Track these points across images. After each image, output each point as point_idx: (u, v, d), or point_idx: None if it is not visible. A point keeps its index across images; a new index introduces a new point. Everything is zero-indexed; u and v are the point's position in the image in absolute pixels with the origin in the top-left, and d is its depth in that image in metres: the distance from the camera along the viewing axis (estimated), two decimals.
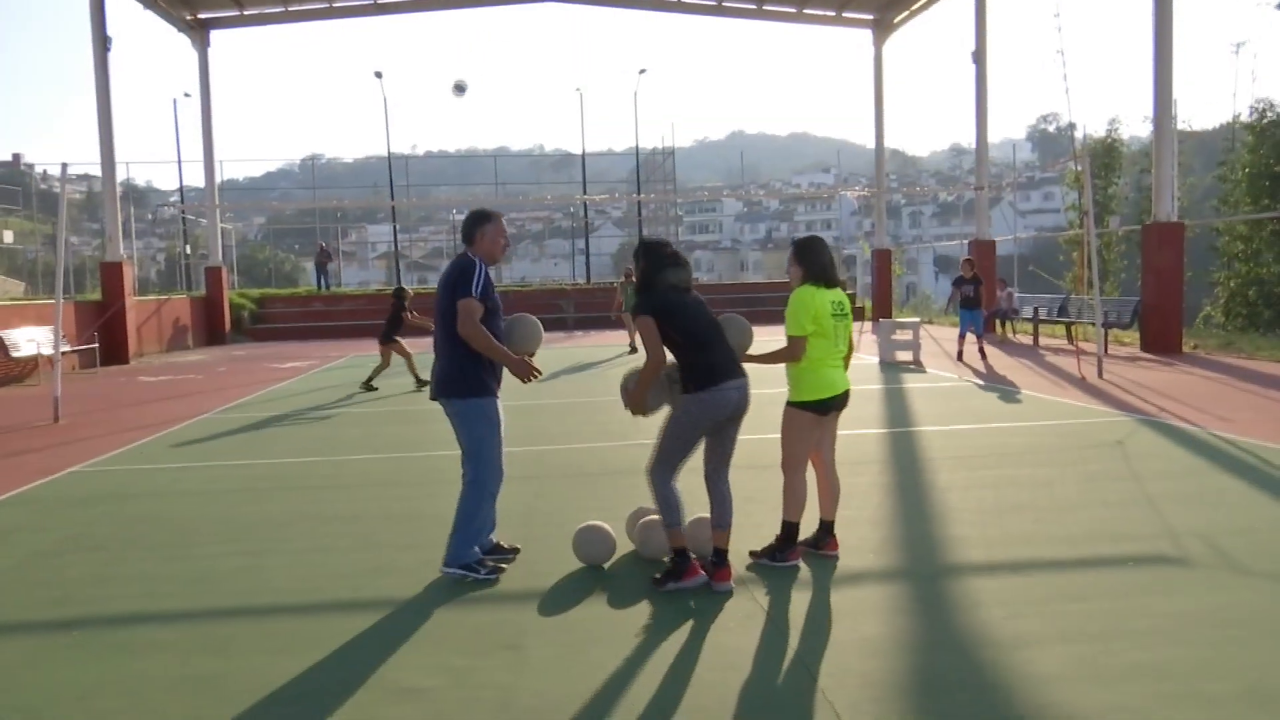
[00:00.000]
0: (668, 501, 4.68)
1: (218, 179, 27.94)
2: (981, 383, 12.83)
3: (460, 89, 28.13)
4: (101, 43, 19.80)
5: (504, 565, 5.09)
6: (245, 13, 25.91)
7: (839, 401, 5.00)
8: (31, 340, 16.87)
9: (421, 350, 11.21)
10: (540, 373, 5.09)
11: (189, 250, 32.56)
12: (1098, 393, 11.50)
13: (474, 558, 5.00)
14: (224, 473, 8.14)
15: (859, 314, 29.95)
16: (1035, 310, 19.49)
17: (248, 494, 7.26)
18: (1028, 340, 19.71)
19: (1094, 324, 14.31)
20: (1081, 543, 5.29)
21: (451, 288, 4.89)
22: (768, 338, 5.33)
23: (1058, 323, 19.45)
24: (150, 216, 59.47)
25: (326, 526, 6.19)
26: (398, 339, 14.03)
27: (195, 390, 14.89)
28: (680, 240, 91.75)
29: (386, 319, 14.19)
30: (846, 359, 5.10)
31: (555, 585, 4.84)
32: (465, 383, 4.93)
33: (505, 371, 5.12)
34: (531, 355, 5.20)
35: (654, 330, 4.65)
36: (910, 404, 11.22)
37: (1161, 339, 16.49)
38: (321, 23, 28.25)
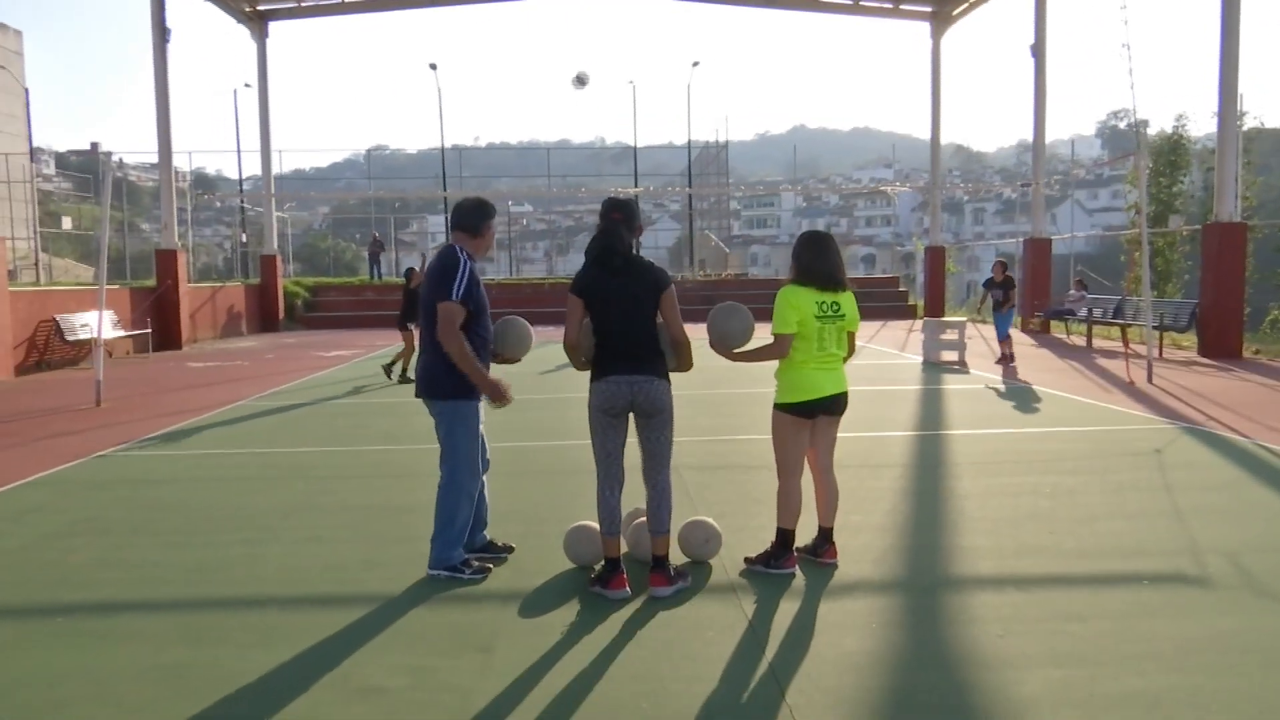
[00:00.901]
0: (598, 506, 4.60)
1: (278, 169, 28.42)
2: (1024, 385, 12.46)
3: (582, 81, 28.16)
4: (161, 33, 20.19)
5: (491, 565, 5.00)
6: (303, 4, 26.24)
7: (825, 405, 4.77)
8: (85, 325, 17.27)
9: None
10: (511, 400, 4.88)
11: (244, 239, 33.10)
12: (1143, 398, 11.08)
13: (459, 559, 4.92)
14: (243, 460, 8.21)
15: (911, 312, 29.44)
16: (1089, 311, 18.92)
17: (261, 482, 7.30)
18: (1082, 341, 19.14)
19: (1146, 325, 13.82)
20: (1094, 557, 5.04)
21: (434, 287, 4.75)
22: None
23: (1113, 324, 18.86)
24: (218, 204, 60.81)
25: (329, 517, 6.19)
26: (412, 326, 13.58)
27: (240, 377, 15.12)
28: (736, 234, 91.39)
29: (401, 304, 14.13)
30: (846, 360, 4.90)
31: (540, 586, 4.74)
32: (449, 383, 4.80)
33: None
34: (517, 360, 5.13)
35: (572, 309, 4.55)
36: (945, 406, 10.92)
37: (1220, 343, 15.86)
38: (380, 14, 28.49)
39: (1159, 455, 7.75)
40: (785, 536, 4.82)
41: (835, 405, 4.82)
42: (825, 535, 4.96)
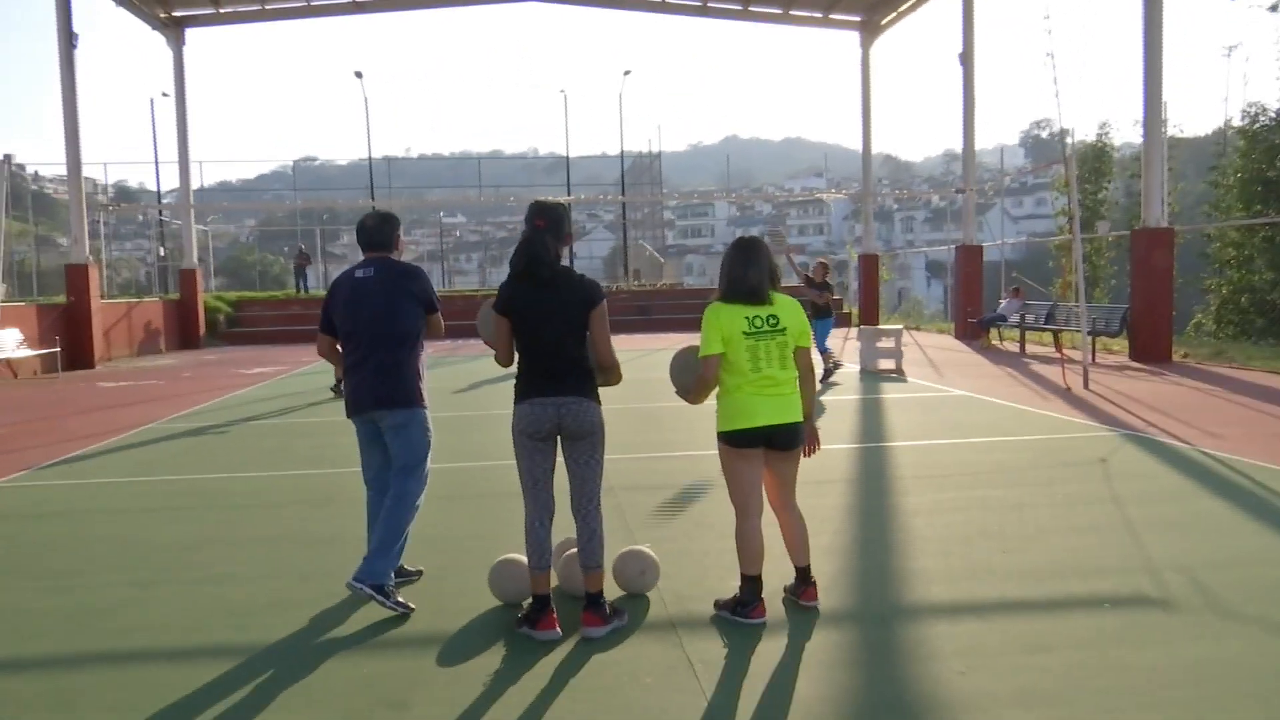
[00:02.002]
0: (526, 538, 4.25)
1: (202, 181, 27.51)
2: (962, 393, 12.36)
3: None
4: (68, 39, 19.26)
5: (412, 606, 4.58)
6: (221, 10, 25.37)
7: (766, 436, 4.27)
8: None
9: (439, 352, 10.58)
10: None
11: (163, 252, 31.97)
12: (1082, 405, 11.03)
13: (390, 580, 4.55)
14: (147, 489, 7.64)
15: (845, 320, 29.50)
16: (1021, 317, 19.04)
17: (164, 513, 6.75)
18: (1014, 348, 19.26)
19: (1081, 331, 13.85)
20: (1050, 578, 4.80)
21: (420, 298, 4.73)
22: None
23: (1045, 330, 19.00)
24: (140, 217, 58.93)
25: (237, 551, 5.70)
26: None
27: (153, 397, 14.37)
28: (671, 244, 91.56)
29: None
30: (806, 384, 4.36)
31: (463, 628, 4.33)
32: (414, 392, 4.73)
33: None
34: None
35: (500, 328, 4.27)
36: (886, 416, 10.74)
37: (1151, 347, 16.02)
38: (303, 22, 27.73)
39: (1103, 464, 7.60)
40: (749, 583, 4.31)
41: (778, 438, 4.26)
42: (802, 575, 4.48)
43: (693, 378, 4.50)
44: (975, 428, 9.63)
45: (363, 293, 4.69)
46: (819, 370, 13.07)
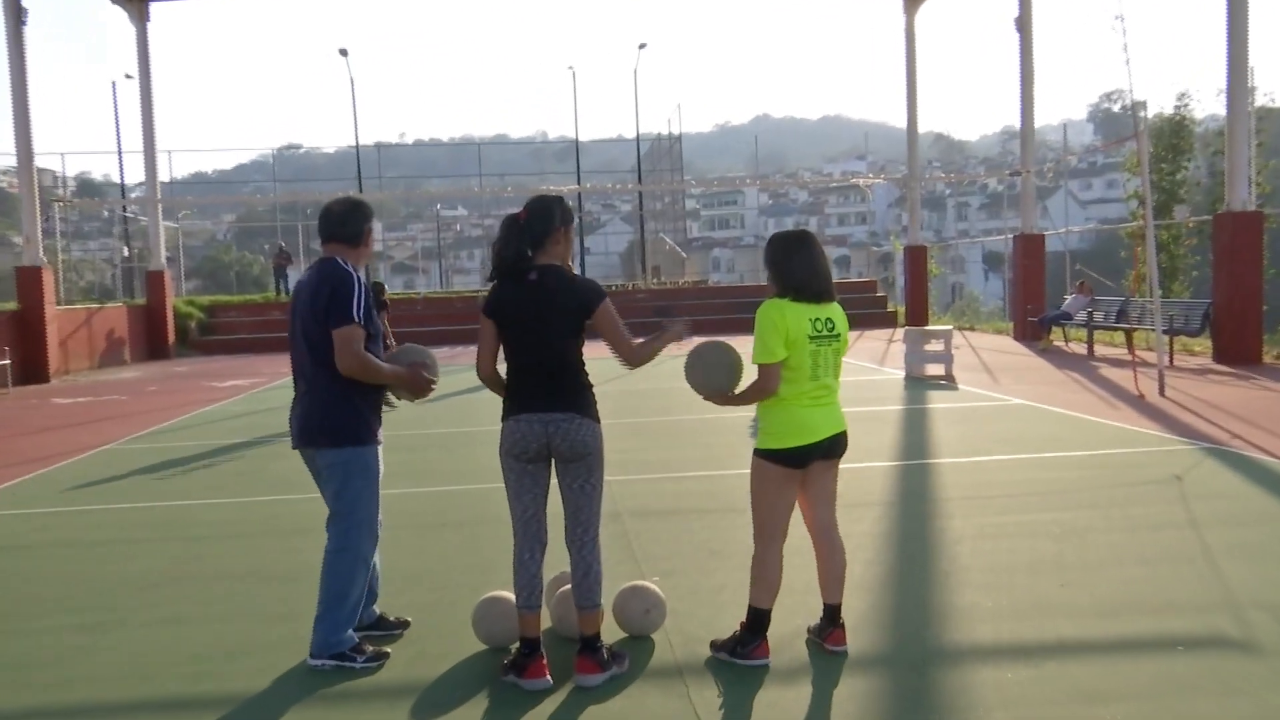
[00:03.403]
0: (515, 573, 4.24)
1: (173, 173, 27.80)
2: (1020, 402, 12.25)
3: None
4: (15, 14, 19.47)
5: (387, 650, 4.55)
6: None
7: (823, 449, 4.25)
8: None
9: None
10: (436, 381, 4.69)
11: (127, 252, 32.26)
12: (1156, 414, 10.91)
13: (348, 643, 4.46)
14: (102, 519, 7.67)
15: (891, 319, 29.38)
16: (1088, 315, 18.86)
17: (120, 546, 6.77)
18: (1081, 350, 19.09)
19: (1156, 330, 13.71)
20: (1115, 615, 4.71)
21: (324, 310, 4.33)
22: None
23: (1115, 329, 18.83)
24: (106, 214, 59.56)
25: (199, 589, 5.70)
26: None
27: (114, 414, 14.47)
28: (695, 237, 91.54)
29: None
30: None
31: (442, 676, 4.29)
32: (346, 427, 4.42)
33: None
34: (417, 396, 4.76)
35: (484, 333, 4.24)
36: (931, 429, 10.68)
37: (1237, 348, 15.82)
38: None
39: (1180, 483, 7.50)
40: (757, 618, 4.27)
41: (836, 448, 4.33)
42: (831, 615, 4.41)
43: (727, 376, 4.35)
44: (1033, 441, 9.53)
45: (294, 303, 4.54)
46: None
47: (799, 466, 4.24)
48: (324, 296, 4.34)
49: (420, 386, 4.60)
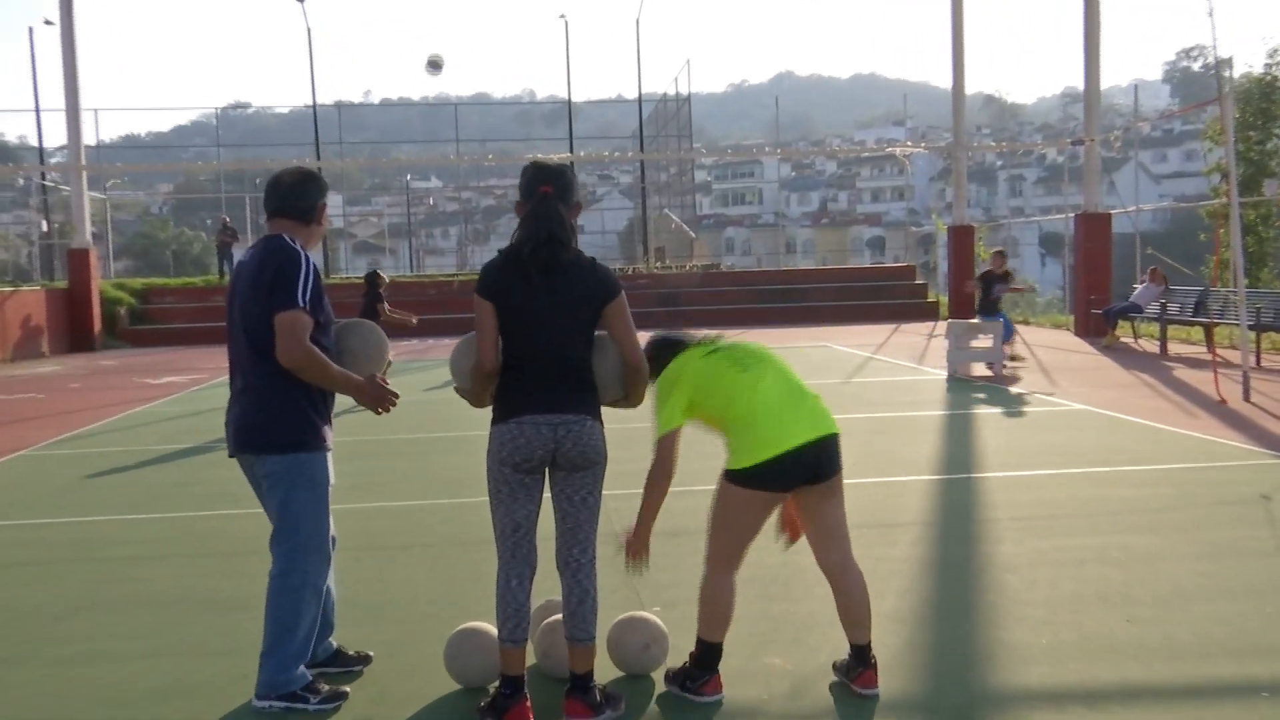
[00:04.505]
0: (498, 601, 4.23)
1: (96, 135, 27.90)
2: (1081, 407, 12.28)
3: (436, 66, 28.33)
4: None
5: (345, 690, 4.55)
6: None
7: (807, 459, 4.19)
8: None
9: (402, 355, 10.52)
10: (397, 397, 4.60)
11: (46, 227, 32.35)
12: (1241, 422, 10.96)
13: (300, 682, 4.45)
14: (12, 537, 7.72)
15: (932, 311, 29.41)
16: (1162, 307, 18.86)
17: (30, 570, 6.81)
18: (1153, 347, 19.11)
19: (1240, 325, 13.73)
20: (1190, 658, 4.72)
21: (267, 292, 4.31)
22: (813, 342, 4.73)
23: (1193, 324, 18.83)
24: (20, 182, 59.68)
25: (123, 619, 5.71)
26: None
27: (26, 415, 14.55)
28: (705, 214, 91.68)
29: (360, 313, 13.52)
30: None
31: None
32: (288, 430, 4.41)
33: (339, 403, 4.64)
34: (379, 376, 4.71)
35: (484, 319, 4.17)
36: (977, 437, 10.74)
37: None
38: None
39: (1268, 503, 7.54)
40: (707, 652, 4.35)
41: (822, 459, 4.23)
42: (859, 655, 4.41)
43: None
44: (1095, 453, 9.56)
45: (234, 287, 4.53)
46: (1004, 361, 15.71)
47: (779, 489, 4.23)
48: (267, 277, 4.33)
49: (380, 399, 4.52)
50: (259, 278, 4.36)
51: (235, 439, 4.50)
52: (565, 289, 4.12)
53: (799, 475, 4.20)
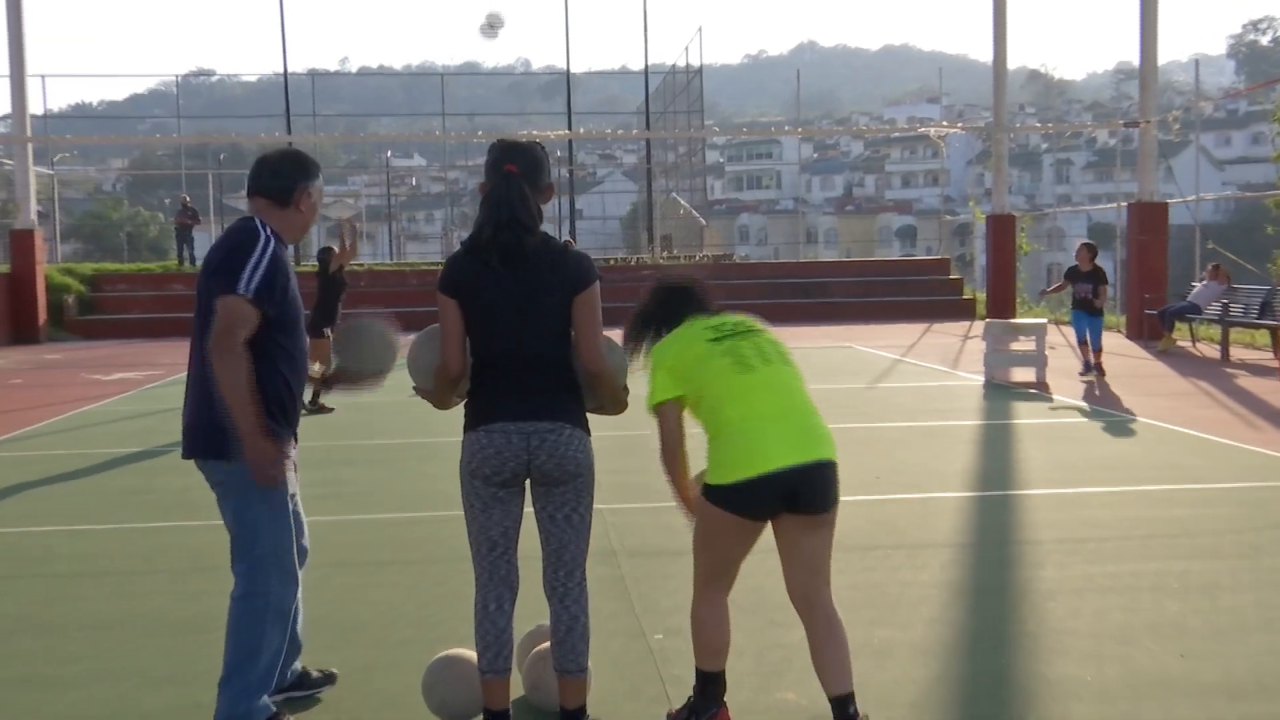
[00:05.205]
0: (476, 627, 4.22)
1: (42, 104, 27.82)
2: (1133, 418, 12.28)
3: (493, 29, 28.52)
4: None
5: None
6: None
7: (787, 485, 3.99)
8: None
9: None
10: (277, 478, 4.32)
11: None
12: None
13: (262, 713, 4.44)
14: None
15: (968, 309, 29.40)
16: (1224, 307, 18.86)
17: None
18: (1214, 352, 19.10)
19: None
20: (1250, 695, 4.73)
21: (212, 273, 4.30)
22: (835, 342, 4.72)
23: (1258, 326, 18.81)
24: None
25: (64, 641, 5.71)
26: (330, 330, 12.85)
27: None
28: (717, 199, 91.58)
29: (314, 301, 13.34)
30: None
31: None
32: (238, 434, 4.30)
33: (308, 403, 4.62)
34: (373, 383, 4.71)
35: (447, 317, 4.14)
36: (1019, 450, 10.76)
37: None
38: None
39: None
40: (705, 682, 4.30)
41: (807, 488, 4.03)
42: (840, 708, 4.13)
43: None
44: (1148, 469, 9.59)
45: (201, 272, 4.51)
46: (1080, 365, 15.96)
47: (750, 514, 4.08)
48: (218, 256, 4.33)
49: (262, 468, 4.24)
50: (211, 257, 4.39)
51: (184, 440, 4.48)
52: (532, 279, 4.09)
53: (773, 504, 4.04)
